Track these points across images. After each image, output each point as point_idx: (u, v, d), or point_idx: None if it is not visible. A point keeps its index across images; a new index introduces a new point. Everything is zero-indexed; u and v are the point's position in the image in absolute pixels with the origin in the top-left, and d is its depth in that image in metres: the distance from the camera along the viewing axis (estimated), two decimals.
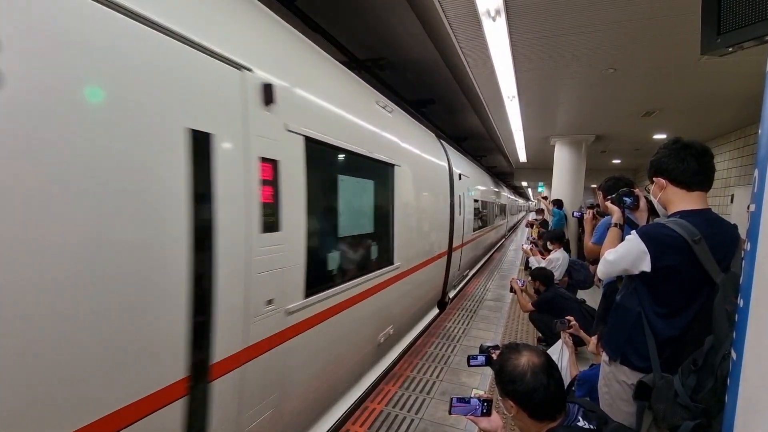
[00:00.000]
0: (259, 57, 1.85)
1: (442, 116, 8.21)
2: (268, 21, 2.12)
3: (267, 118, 1.83)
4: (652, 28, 3.41)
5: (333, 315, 2.47)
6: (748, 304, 0.84)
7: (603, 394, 1.77)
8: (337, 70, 2.86)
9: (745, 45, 1.37)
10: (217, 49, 1.57)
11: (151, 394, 1.32)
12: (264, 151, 1.79)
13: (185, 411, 1.45)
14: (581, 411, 1.32)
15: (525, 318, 4.56)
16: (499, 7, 3.13)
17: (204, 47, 1.52)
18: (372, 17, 4.16)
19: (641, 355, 1.56)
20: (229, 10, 1.80)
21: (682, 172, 1.56)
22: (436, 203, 5.13)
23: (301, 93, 2.17)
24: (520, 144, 9.85)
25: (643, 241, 1.51)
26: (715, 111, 6.30)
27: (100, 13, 1.17)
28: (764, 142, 0.85)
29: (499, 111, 6.65)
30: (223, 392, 1.62)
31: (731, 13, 1.38)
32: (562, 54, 4.11)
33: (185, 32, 1.43)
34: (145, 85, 1.29)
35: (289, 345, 2.03)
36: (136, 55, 1.27)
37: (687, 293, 1.50)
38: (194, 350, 1.47)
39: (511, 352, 1.36)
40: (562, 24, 3.43)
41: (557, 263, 4.75)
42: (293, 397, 2.15)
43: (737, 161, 7.63)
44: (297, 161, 2.05)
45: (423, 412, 2.91)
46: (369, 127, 3.10)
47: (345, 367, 2.86)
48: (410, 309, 4.44)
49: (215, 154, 1.53)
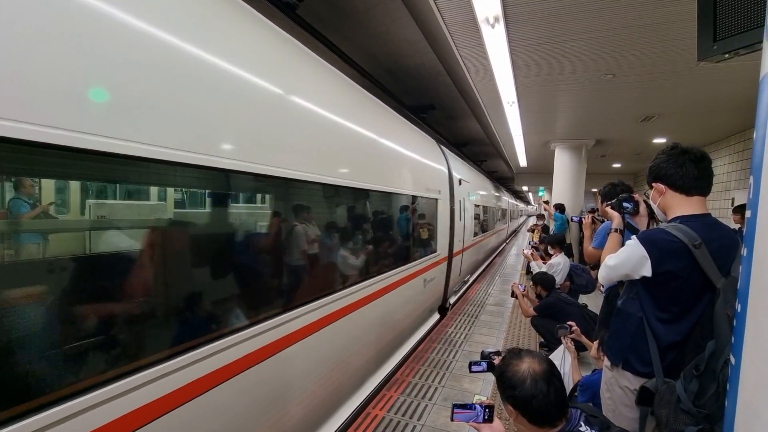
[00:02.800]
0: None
1: (443, 122, 8.25)
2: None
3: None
4: (650, 34, 3.45)
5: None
6: (745, 309, 0.85)
7: (605, 400, 1.77)
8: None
9: (740, 51, 1.39)
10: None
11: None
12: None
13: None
14: (583, 416, 1.32)
15: (527, 323, 4.55)
16: (497, 14, 3.16)
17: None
18: (372, 25, 4.21)
19: (643, 361, 1.56)
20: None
21: (681, 178, 1.57)
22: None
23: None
24: (521, 149, 9.88)
25: (643, 246, 1.52)
26: (714, 115, 6.33)
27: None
28: (759, 148, 0.86)
29: (498, 116, 6.70)
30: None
31: (727, 20, 1.41)
32: (560, 60, 4.14)
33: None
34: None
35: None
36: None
37: (688, 298, 1.50)
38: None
39: (512, 358, 1.37)
40: (560, 30, 3.47)
41: (558, 268, 4.74)
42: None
43: (737, 165, 7.64)
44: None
45: (425, 419, 2.89)
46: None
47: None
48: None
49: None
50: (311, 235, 2.40)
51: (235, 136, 1.68)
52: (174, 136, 1.37)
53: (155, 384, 1.32)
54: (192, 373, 1.46)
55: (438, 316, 5.84)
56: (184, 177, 1.59)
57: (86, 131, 1.11)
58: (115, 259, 1.56)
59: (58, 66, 1.05)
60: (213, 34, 1.67)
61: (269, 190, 2.12)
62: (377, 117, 3.62)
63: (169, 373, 1.37)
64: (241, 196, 2.12)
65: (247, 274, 1.92)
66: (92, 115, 1.13)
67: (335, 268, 2.73)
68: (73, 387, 1.15)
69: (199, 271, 1.67)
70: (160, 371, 1.33)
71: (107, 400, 1.19)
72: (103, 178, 1.85)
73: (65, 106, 1.06)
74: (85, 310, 1.28)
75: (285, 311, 2.02)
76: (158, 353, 1.38)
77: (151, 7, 1.39)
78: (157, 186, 2.33)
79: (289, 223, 2.22)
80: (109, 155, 1.17)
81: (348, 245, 2.98)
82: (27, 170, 1.46)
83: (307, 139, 2.26)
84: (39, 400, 1.07)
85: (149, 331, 1.41)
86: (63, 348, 1.21)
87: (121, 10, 1.25)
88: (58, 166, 1.22)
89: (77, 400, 1.12)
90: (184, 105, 1.43)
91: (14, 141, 0.96)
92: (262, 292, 1.99)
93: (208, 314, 1.64)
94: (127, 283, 1.40)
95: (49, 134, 1.02)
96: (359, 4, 3.80)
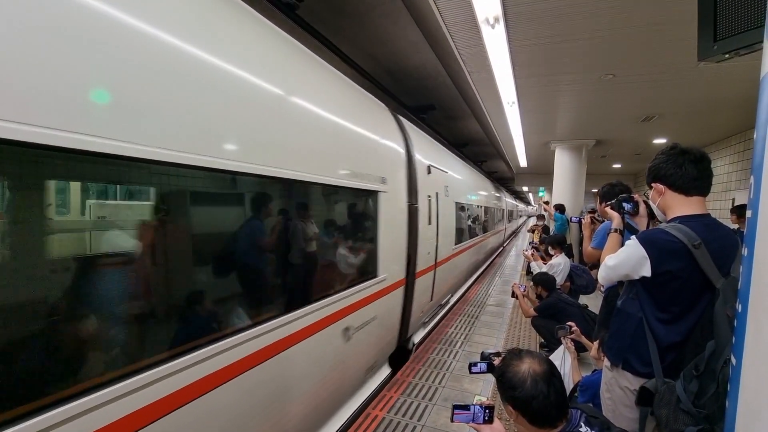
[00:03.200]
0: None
1: (443, 122, 8.25)
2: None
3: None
4: (650, 34, 3.45)
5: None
6: (746, 309, 0.85)
7: (605, 400, 1.77)
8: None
9: (740, 52, 1.39)
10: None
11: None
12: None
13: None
14: (584, 417, 1.32)
15: (527, 324, 4.55)
16: (498, 15, 3.16)
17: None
18: (373, 25, 4.21)
19: (643, 361, 1.56)
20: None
21: (680, 178, 1.57)
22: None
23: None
24: (521, 149, 9.88)
25: (643, 246, 1.52)
26: (714, 115, 6.33)
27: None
28: (759, 148, 0.86)
29: (499, 117, 6.70)
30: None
31: (727, 20, 1.41)
32: (560, 60, 4.14)
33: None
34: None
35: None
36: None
37: (688, 298, 1.50)
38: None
39: (513, 358, 1.37)
40: (560, 30, 3.47)
41: (558, 268, 4.74)
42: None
43: (738, 165, 7.64)
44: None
45: (425, 419, 2.89)
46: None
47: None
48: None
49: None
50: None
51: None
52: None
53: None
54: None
55: (389, 371, 3.80)
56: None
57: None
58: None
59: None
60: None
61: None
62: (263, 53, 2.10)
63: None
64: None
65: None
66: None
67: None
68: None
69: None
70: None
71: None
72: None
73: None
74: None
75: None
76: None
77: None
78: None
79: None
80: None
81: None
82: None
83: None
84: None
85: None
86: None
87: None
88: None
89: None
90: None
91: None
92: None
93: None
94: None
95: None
96: (359, 4, 3.80)
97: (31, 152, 1.08)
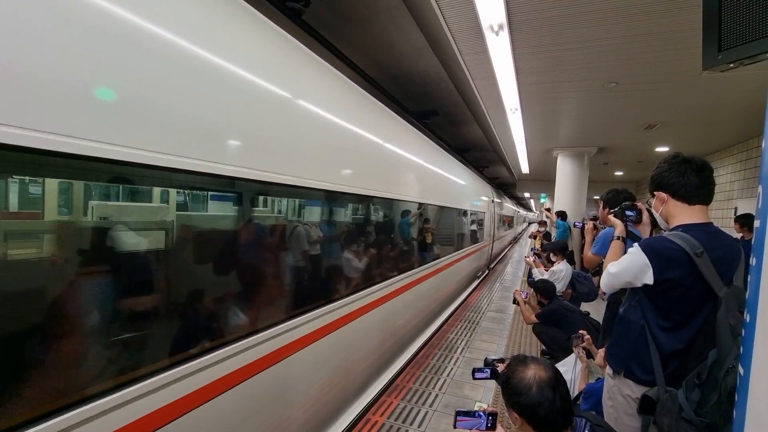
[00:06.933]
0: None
1: (445, 127, 8.29)
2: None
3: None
4: (653, 42, 3.46)
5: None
6: (755, 319, 0.85)
7: (607, 408, 1.76)
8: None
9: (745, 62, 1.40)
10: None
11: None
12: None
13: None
14: (588, 425, 1.31)
15: (528, 330, 4.53)
16: (502, 22, 3.18)
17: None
18: (377, 30, 4.24)
19: (645, 369, 1.56)
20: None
21: (683, 187, 1.58)
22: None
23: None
24: (523, 156, 9.90)
25: (645, 254, 1.52)
26: (717, 124, 6.33)
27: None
28: (767, 158, 0.86)
29: (501, 123, 6.71)
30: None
31: (732, 30, 1.41)
32: (563, 68, 4.16)
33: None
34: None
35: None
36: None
37: (690, 306, 1.50)
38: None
39: (518, 364, 1.36)
40: (564, 38, 3.49)
41: (560, 275, 4.73)
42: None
43: (740, 174, 7.63)
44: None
45: (426, 425, 2.88)
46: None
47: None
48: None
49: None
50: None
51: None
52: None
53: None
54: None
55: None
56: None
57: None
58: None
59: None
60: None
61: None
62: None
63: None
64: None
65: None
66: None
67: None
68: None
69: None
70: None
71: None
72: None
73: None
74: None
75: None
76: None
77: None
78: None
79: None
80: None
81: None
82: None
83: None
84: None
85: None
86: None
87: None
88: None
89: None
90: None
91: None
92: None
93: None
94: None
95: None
96: (364, 10, 3.83)
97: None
